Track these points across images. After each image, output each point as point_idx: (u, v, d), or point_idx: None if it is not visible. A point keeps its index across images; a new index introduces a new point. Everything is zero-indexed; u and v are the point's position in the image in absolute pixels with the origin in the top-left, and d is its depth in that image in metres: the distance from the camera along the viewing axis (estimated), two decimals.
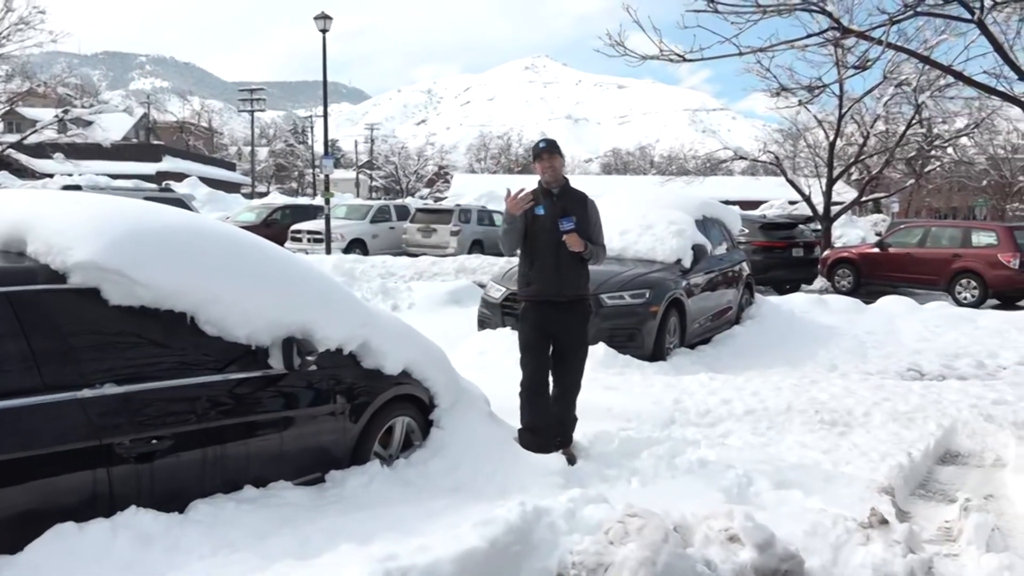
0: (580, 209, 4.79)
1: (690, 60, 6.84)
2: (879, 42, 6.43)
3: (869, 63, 7.32)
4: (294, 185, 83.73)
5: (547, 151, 4.80)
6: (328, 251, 19.37)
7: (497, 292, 8.37)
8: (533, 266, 4.78)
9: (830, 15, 6.67)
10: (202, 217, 4.03)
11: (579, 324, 4.81)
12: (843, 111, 20.39)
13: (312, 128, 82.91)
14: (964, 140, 25.17)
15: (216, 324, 3.19)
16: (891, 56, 10.01)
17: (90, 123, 33.60)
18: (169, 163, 49.05)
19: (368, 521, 3.08)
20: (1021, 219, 38.54)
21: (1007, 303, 14.56)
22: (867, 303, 11.49)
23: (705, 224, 9.81)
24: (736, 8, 6.66)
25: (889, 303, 11.45)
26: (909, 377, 7.83)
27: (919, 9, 6.36)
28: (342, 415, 3.68)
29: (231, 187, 50.71)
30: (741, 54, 6.72)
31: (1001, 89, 6.90)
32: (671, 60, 6.93)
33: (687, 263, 8.73)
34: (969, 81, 7.06)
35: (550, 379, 4.79)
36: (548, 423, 4.67)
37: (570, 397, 4.81)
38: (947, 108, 19.74)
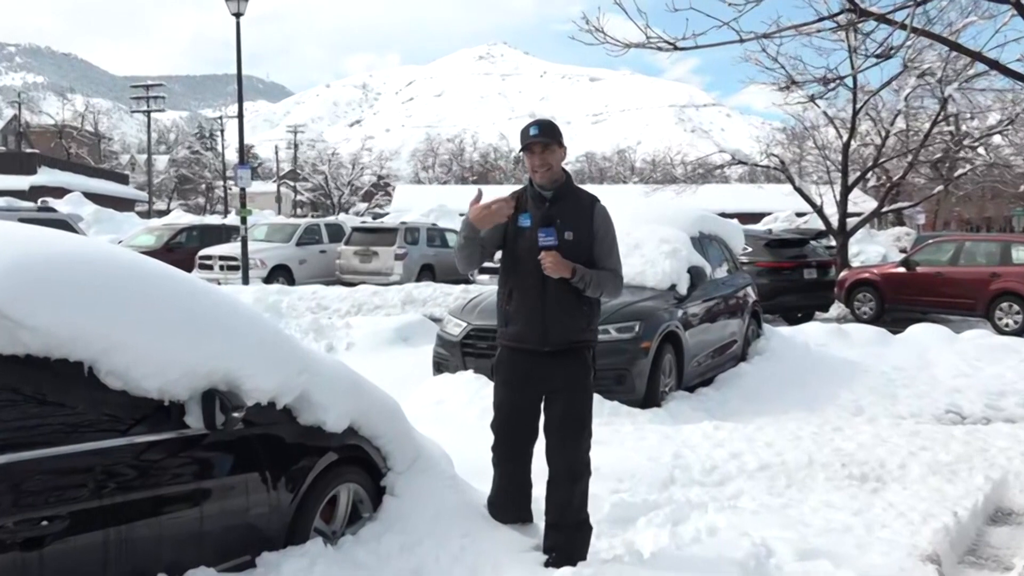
0: (580, 219, 4.16)
1: (682, 48, 6.95)
2: (902, 26, 6.58)
3: (892, 51, 7.51)
4: (201, 201, 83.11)
5: (540, 139, 4.09)
6: (246, 281, 19.18)
7: (456, 328, 8.35)
8: (512, 299, 4.20)
9: None
10: (100, 243, 3.97)
11: (573, 382, 4.18)
12: (858, 106, 20.86)
13: (223, 131, 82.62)
14: (997, 139, 25.88)
15: (121, 375, 3.12)
16: (912, 42, 10.25)
17: None
18: (46, 175, 48.38)
19: None
20: None
21: None
22: (894, 333, 11.72)
23: (702, 242, 9.94)
24: None
25: (920, 332, 11.67)
26: (948, 420, 7.99)
27: None
28: (276, 483, 3.62)
29: (124, 204, 50.18)
30: (742, 40, 6.85)
31: None
32: (660, 48, 7.04)
33: (683, 289, 8.82)
34: (1005, 70, 7.27)
35: (535, 447, 4.35)
36: (525, 496, 4.41)
37: (570, 488, 4.17)
38: (977, 102, 20.31)
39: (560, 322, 4.12)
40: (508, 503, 4.40)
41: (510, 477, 4.38)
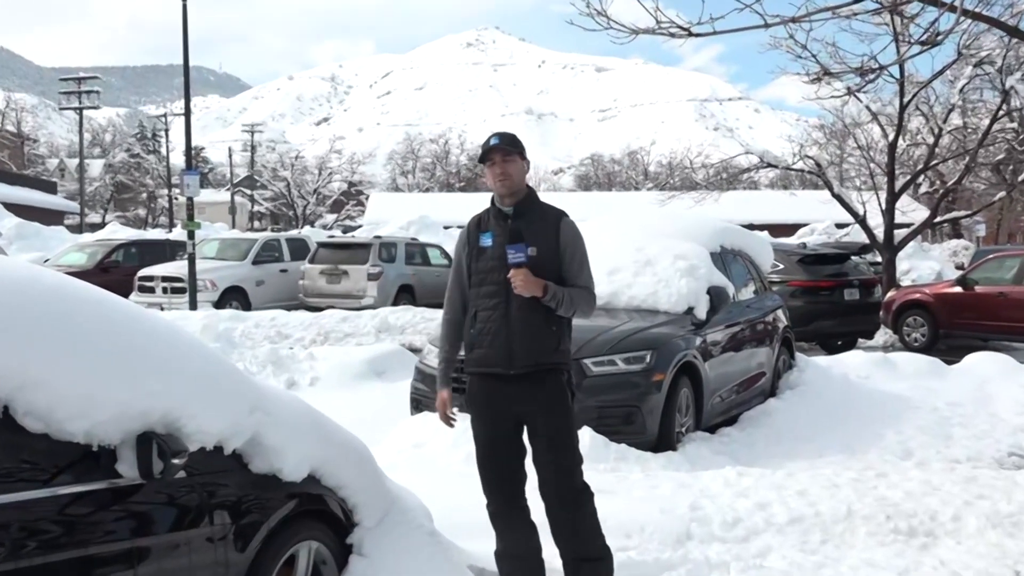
0: (545, 234, 4.49)
1: (698, 35, 7.02)
2: (951, 8, 6.65)
3: (939, 37, 7.57)
4: (142, 212, 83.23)
5: (499, 150, 4.49)
6: (193, 305, 19.19)
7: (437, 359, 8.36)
8: (476, 320, 4.52)
9: None
10: (16, 262, 3.98)
11: (550, 404, 4.45)
12: (906, 100, 20.94)
13: (167, 131, 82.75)
14: None
15: (41, 416, 3.12)
16: (967, 26, 10.34)
17: None
18: None
19: None
20: None
21: None
22: (949, 363, 11.74)
23: (725, 258, 10.01)
24: None
25: (979, 362, 11.69)
26: (1011, 465, 8.01)
27: None
28: (223, 541, 3.63)
29: (51, 216, 50.23)
30: (767, 25, 6.90)
31: None
32: (672, 35, 7.10)
33: (701, 313, 8.85)
34: None
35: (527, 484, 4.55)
36: (534, 546, 4.52)
37: (569, 516, 4.40)
38: None
39: (527, 343, 4.41)
40: (514, 557, 4.53)
41: (509, 526, 4.52)
